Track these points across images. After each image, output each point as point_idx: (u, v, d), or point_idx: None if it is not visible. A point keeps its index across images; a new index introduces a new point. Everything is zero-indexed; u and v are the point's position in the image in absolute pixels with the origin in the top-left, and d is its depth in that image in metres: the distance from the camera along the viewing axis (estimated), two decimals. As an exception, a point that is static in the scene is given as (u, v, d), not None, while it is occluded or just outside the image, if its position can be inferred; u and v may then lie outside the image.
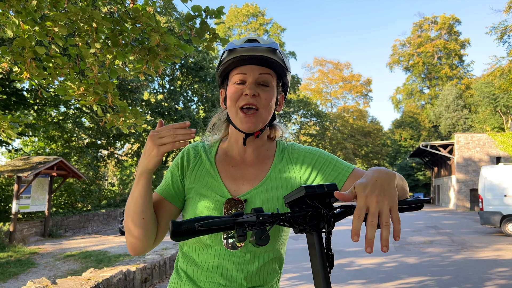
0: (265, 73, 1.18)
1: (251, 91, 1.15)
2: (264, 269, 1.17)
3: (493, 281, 6.76)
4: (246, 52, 1.15)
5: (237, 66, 1.19)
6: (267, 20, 49.61)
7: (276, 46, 1.19)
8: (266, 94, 1.18)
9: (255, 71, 1.17)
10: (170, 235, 0.89)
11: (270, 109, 1.19)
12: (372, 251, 0.78)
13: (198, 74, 26.64)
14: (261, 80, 1.18)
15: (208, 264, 1.15)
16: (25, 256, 10.09)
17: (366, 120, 57.03)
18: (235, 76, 1.19)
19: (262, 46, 1.16)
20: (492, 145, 30.20)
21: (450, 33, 57.83)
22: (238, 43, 1.19)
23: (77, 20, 3.54)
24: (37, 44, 3.75)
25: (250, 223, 0.91)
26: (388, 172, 0.93)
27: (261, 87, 1.18)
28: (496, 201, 13.64)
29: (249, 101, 1.15)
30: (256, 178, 1.21)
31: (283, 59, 1.20)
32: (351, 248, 10.36)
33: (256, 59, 1.15)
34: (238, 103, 1.17)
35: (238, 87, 1.18)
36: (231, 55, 1.17)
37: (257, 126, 1.18)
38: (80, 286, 4.41)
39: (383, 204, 0.83)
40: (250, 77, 1.17)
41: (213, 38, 3.73)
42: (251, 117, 1.16)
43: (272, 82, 1.20)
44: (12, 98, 14.57)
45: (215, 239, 1.13)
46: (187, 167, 1.25)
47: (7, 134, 4.18)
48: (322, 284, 0.88)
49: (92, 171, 20.87)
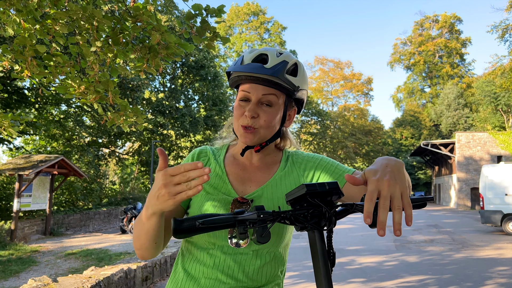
0: (269, 94, 1.17)
1: (250, 113, 1.15)
2: (266, 269, 1.18)
3: (493, 280, 6.76)
4: (252, 71, 1.14)
5: (243, 82, 1.19)
6: (268, 19, 49.55)
7: (281, 68, 1.14)
8: (266, 115, 1.17)
9: (258, 91, 1.16)
10: (172, 232, 0.89)
11: (270, 128, 1.19)
12: (385, 234, 0.78)
13: (199, 72, 26.63)
14: (264, 100, 1.17)
15: (210, 260, 1.15)
16: (26, 254, 10.11)
17: (367, 118, 57.01)
18: (240, 92, 1.20)
19: (270, 66, 1.13)
20: (493, 144, 30.18)
21: (451, 32, 57.73)
22: (247, 59, 1.18)
23: (77, 19, 3.54)
24: (38, 43, 3.76)
25: (251, 220, 0.91)
26: (396, 160, 0.94)
27: (263, 107, 1.17)
28: (497, 200, 13.63)
29: (248, 122, 1.16)
30: (262, 180, 1.24)
31: (291, 80, 1.16)
32: (351, 247, 10.37)
33: (261, 80, 1.14)
34: (239, 121, 1.19)
35: (241, 104, 1.19)
36: (238, 69, 1.17)
37: (255, 142, 1.19)
38: (81, 284, 4.41)
39: (395, 188, 0.83)
40: (253, 96, 1.17)
41: (213, 37, 3.73)
42: (249, 134, 1.17)
43: (277, 101, 1.18)
44: (14, 97, 14.59)
45: (219, 237, 1.14)
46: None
47: (8, 132, 4.19)
48: (324, 282, 0.89)
49: (93, 169, 20.90)
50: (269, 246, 1.16)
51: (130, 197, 22.11)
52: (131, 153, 28.74)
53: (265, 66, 1.14)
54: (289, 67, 1.17)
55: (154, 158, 23.97)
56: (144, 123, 4.49)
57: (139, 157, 28.40)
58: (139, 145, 27.98)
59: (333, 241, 0.96)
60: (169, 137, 27.73)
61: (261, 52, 1.18)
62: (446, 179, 35.31)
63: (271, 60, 1.15)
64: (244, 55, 1.21)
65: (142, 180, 28.94)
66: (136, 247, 1.12)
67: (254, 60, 1.17)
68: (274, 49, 1.20)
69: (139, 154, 28.08)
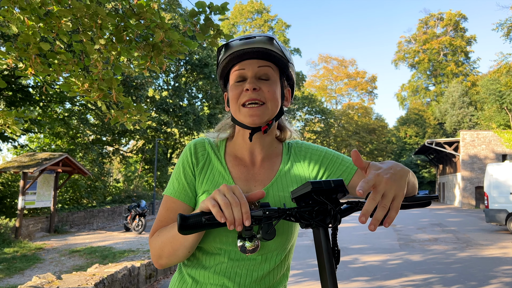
0: (264, 66, 1.14)
1: (251, 85, 1.11)
2: (274, 272, 1.16)
3: (498, 279, 6.72)
4: (241, 46, 1.12)
5: (235, 64, 1.15)
6: (271, 17, 49.50)
7: (273, 37, 1.16)
8: (268, 86, 1.13)
9: (253, 65, 1.13)
10: (178, 228, 0.88)
11: (276, 101, 1.14)
12: (365, 223, 0.79)
13: (203, 71, 26.64)
14: (261, 74, 1.14)
15: (216, 266, 1.12)
16: (31, 251, 10.17)
17: (371, 117, 56.86)
18: (234, 74, 1.16)
19: (258, 38, 1.14)
20: (498, 143, 30.02)
21: (456, 30, 57.43)
22: (233, 44, 1.16)
23: (81, 16, 3.54)
24: (41, 40, 3.76)
25: (256, 217, 0.91)
26: (403, 167, 0.93)
27: (262, 81, 1.14)
28: (502, 199, 13.56)
29: (251, 96, 1.11)
30: (266, 178, 1.19)
31: (282, 50, 1.16)
32: (355, 245, 10.35)
33: (253, 53, 1.12)
34: (239, 101, 1.13)
35: (238, 84, 1.14)
36: (227, 52, 1.14)
37: (263, 118, 1.13)
38: (85, 281, 4.43)
39: (391, 188, 0.83)
40: (249, 71, 1.13)
41: (217, 34, 3.71)
42: (255, 110, 1.11)
43: (273, 75, 1.16)
44: (18, 95, 14.66)
45: (226, 242, 1.10)
46: (196, 165, 1.19)
47: (12, 129, 4.20)
48: (329, 280, 0.89)
49: (97, 167, 20.98)
50: (277, 247, 1.13)
51: (134, 195, 22.17)
52: (135, 151, 28.83)
53: (254, 40, 1.14)
54: (277, 40, 1.17)
55: (158, 156, 24.02)
56: (147, 121, 4.49)
57: (143, 155, 28.48)
58: (143, 143, 28.06)
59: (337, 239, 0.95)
60: (173, 135, 27.79)
61: (246, 35, 1.18)
62: (451, 178, 35.17)
63: (258, 37, 1.15)
64: (229, 43, 1.19)
65: (146, 178, 29.02)
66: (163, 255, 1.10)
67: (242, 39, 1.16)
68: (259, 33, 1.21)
69: (143, 152, 28.16)
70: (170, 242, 1.08)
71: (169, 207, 1.16)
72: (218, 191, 0.92)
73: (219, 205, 0.90)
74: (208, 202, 0.91)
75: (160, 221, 1.16)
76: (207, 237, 1.11)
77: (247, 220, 0.88)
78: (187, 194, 1.16)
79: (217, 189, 0.93)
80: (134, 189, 24.37)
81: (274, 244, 1.12)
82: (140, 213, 13.96)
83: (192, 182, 1.17)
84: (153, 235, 1.16)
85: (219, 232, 1.10)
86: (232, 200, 0.90)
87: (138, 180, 27.22)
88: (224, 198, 0.90)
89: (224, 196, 0.91)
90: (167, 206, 1.17)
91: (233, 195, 0.91)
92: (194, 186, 1.17)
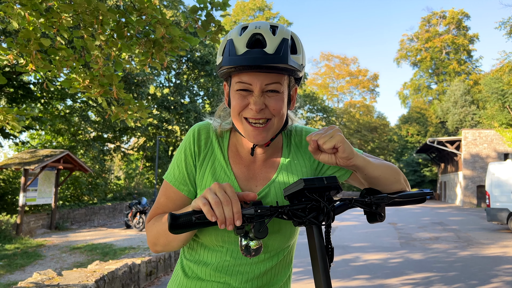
0: (274, 83, 1.02)
1: (257, 106, 1.00)
2: (277, 269, 1.15)
3: (499, 278, 6.71)
4: (249, 58, 0.97)
5: (238, 73, 1.02)
6: (273, 14, 49.41)
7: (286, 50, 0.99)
8: (275, 103, 1.02)
9: (261, 81, 1.00)
10: (168, 227, 0.87)
11: (282, 116, 1.06)
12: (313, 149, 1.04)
13: (204, 68, 26.60)
14: (269, 88, 1.02)
15: (218, 263, 1.11)
16: (32, 248, 10.18)
17: (372, 115, 56.81)
18: (237, 84, 1.03)
19: (269, 46, 0.98)
20: (500, 141, 29.96)
21: (459, 28, 57.23)
22: (240, 45, 0.99)
23: (82, 12, 3.52)
24: (42, 36, 3.74)
25: (248, 216, 0.90)
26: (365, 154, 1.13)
27: (268, 94, 1.03)
28: (504, 198, 13.53)
29: (256, 116, 1.02)
30: (267, 176, 1.16)
31: (296, 61, 1.02)
32: (356, 244, 10.34)
33: (262, 68, 0.97)
34: (242, 114, 1.04)
35: (241, 94, 1.03)
36: (230, 62, 0.99)
37: (268, 137, 1.06)
38: (85, 278, 4.43)
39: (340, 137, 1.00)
40: (255, 87, 1.01)
41: (218, 30, 3.70)
42: (261, 130, 1.04)
43: (283, 86, 1.04)
44: (19, 92, 14.66)
45: (228, 241, 1.09)
46: (198, 155, 1.14)
47: (12, 126, 4.19)
48: (322, 278, 0.88)
49: (98, 164, 20.99)
50: (280, 245, 1.13)
51: (135, 192, 22.19)
52: (136, 149, 28.84)
53: (266, 50, 0.97)
54: (291, 46, 1.02)
55: (159, 153, 24.03)
56: (149, 119, 4.47)
57: (144, 153, 28.50)
58: (144, 141, 28.06)
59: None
60: (174, 133, 27.78)
61: (253, 31, 1.00)
62: (452, 177, 35.12)
63: (270, 41, 0.98)
64: (233, 39, 1.01)
65: (147, 175, 29.05)
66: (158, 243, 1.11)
67: (249, 44, 0.99)
68: (265, 24, 1.03)
69: (144, 149, 28.16)
70: (165, 234, 1.07)
71: (168, 196, 1.15)
72: (210, 189, 0.91)
73: (210, 203, 0.89)
74: (199, 200, 0.90)
75: (158, 208, 1.15)
76: (208, 233, 1.10)
77: (238, 220, 0.88)
78: (187, 185, 1.13)
79: (208, 188, 0.92)
80: (135, 187, 24.39)
81: (276, 242, 1.12)
82: (141, 210, 13.98)
83: (192, 173, 1.14)
84: (150, 220, 1.16)
85: (219, 229, 1.08)
86: (223, 198, 0.88)
87: (139, 177, 27.25)
88: (215, 196, 0.89)
89: (215, 194, 0.89)
90: (167, 194, 1.15)
91: (224, 194, 0.89)
92: (194, 178, 1.14)
